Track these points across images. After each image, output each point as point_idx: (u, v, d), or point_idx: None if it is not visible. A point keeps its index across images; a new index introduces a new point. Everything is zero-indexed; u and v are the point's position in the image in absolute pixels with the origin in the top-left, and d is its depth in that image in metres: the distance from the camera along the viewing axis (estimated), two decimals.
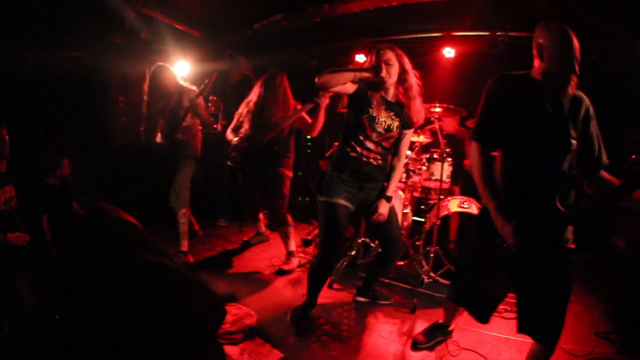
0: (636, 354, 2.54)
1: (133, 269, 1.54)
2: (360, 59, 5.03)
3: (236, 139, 3.51)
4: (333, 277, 3.41)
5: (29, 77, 3.76)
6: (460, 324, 2.75)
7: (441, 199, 3.54)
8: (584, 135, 1.86)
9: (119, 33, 4.50)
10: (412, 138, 3.86)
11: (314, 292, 2.79)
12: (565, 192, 1.85)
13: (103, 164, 4.56)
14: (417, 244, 3.67)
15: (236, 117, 3.69)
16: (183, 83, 3.55)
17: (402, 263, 3.69)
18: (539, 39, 1.82)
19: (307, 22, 4.60)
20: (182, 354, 1.59)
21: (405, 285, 3.38)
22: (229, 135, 3.63)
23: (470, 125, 4.22)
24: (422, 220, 4.00)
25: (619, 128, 3.56)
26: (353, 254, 3.67)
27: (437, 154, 3.74)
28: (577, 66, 1.74)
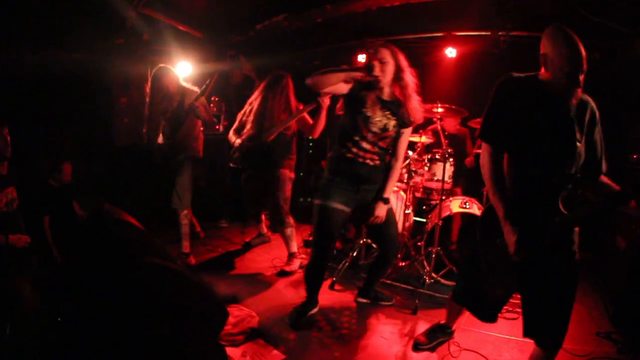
0: (637, 353, 2.53)
1: (133, 270, 1.54)
2: (363, 59, 5.03)
3: (239, 140, 3.50)
4: (335, 278, 3.42)
5: (30, 78, 3.76)
6: (462, 324, 2.74)
7: (443, 199, 3.54)
8: (588, 139, 1.85)
9: (120, 34, 4.49)
10: (414, 139, 3.86)
11: (312, 290, 2.80)
12: (570, 195, 1.83)
13: (104, 164, 4.57)
14: (419, 244, 3.67)
15: (238, 118, 3.68)
16: (185, 84, 3.55)
17: (403, 264, 3.69)
18: (543, 49, 1.79)
19: (309, 23, 4.59)
20: (183, 354, 1.59)
21: (407, 286, 3.38)
22: (232, 137, 3.62)
23: (472, 125, 4.22)
24: (424, 220, 4.00)
25: (620, 127, 3.55)
26: (355, 254, 3.67)
27: (439, 154, 3.73)
28: (583, 77, 1.70)
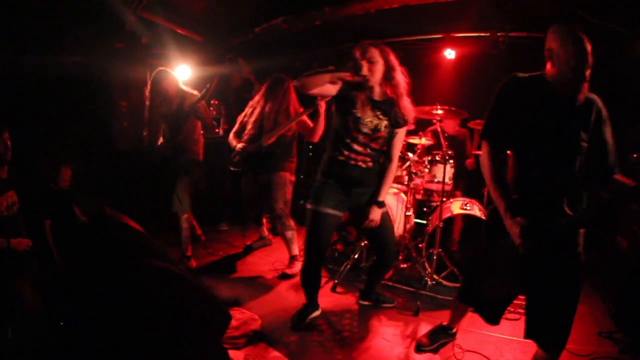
0: (639, 353, 2.53)
1: (133, 272, 1.54)
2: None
3: (240, 145, 3.50)
4: (336, 281, 3.41)
5: (30, 81, 3.77)
6: (464, 325, 2.74)
7: (444, 201, 3.53)
8: (597, 139, 1.83)
9: (120, 37, 4.50)
10: (414, 141, 3.86)
11: (309, 294, 2.80)
12: (574, 196, 1.82)
13: (104, 167, 4.57)
14: (420, 246, 3.67)
15: (239, 120, 3.68)
16: (184, 87, 3.56)
17: (405, 265, 3.68)
18: (550, 43, 1.78)
19: (309, 25, 4.60)
20: (183, 356, 1.59)
21: (409, 288, 3.38)
22: (232, 140, 3.62)
23: (472, 126, 4.22)
24: (425, 222, 3.99)
25: (620, 127, 3.55)
26: (356, 257, 3.67)
27: (439, 156, 3.73)
28: (589, 72, 1.71)
